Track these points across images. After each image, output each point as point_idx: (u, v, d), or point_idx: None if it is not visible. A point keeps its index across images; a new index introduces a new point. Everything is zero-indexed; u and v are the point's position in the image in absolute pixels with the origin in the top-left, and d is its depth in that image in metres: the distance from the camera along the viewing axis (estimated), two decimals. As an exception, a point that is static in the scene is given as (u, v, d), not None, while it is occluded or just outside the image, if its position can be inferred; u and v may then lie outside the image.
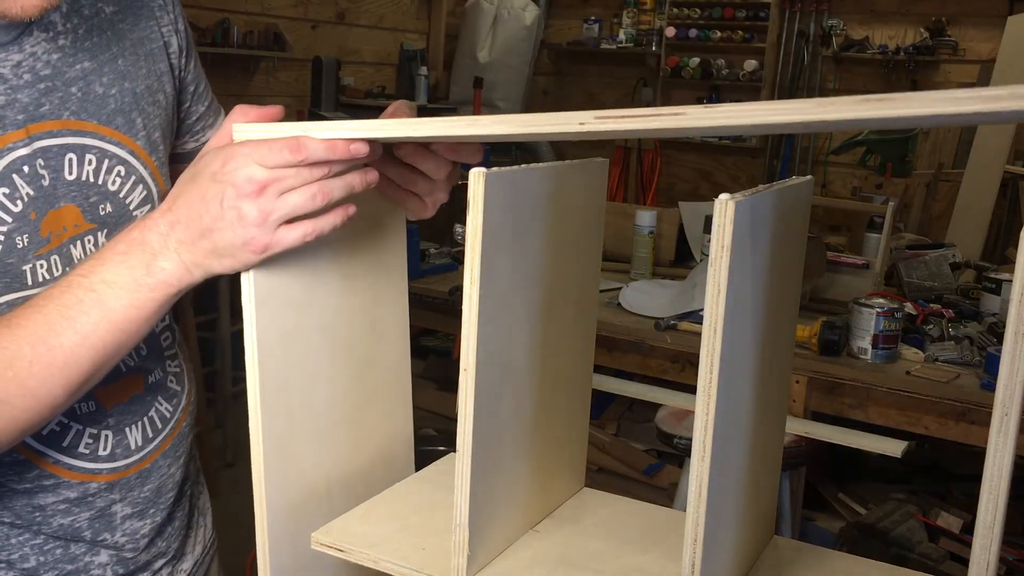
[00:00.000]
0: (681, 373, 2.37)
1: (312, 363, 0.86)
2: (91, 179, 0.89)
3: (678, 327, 2.36)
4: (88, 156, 0.88)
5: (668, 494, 2.76)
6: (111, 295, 0.76)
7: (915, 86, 5.50)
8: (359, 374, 0.92)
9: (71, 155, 0.87)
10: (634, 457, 3.10)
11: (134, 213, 0.93)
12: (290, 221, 0.75)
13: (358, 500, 0.91)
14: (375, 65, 5.62)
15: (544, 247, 0.82)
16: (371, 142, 0.75)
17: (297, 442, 0.86)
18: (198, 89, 1.04)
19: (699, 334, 0.67)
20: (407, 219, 0.94)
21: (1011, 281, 0.57)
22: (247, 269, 0.77)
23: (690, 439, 0.67)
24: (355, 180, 0.77)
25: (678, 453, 2.38)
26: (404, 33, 5.81)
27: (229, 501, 3.25)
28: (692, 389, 2.35)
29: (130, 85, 0.93)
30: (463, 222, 0.73)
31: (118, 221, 0.91)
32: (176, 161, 1.04)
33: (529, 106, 6.29)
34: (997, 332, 2.23)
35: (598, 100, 6.65)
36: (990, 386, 1.97)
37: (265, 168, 0.73)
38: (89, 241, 0.89)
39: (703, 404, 0.66)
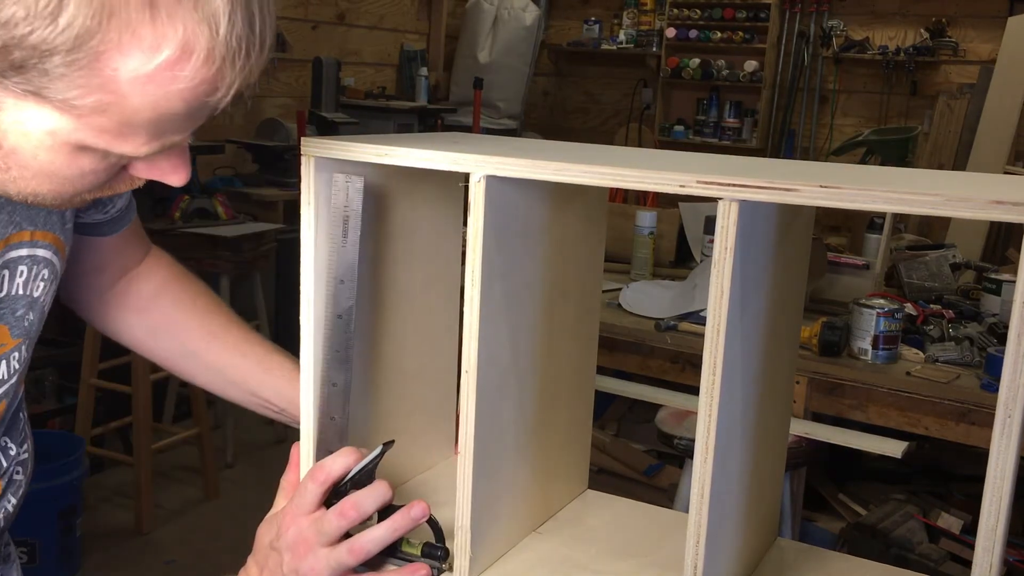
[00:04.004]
0: (681, 374, 2.36)
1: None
2: (19, 292, 0.84)
3: (678, 328, 2.36)
4: (20, 268, 0.83)
5: (668, 495, 2.75)
6: None
7: (915, 87, 5.50)
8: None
9: (4, 271, 0.82)
10: (634, 458, 3.10)
11: (46, 311, 0.89)
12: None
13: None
14: (375, 66, 5.61)
15: (545, 248, 0.82)
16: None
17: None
18: None
19: (699, 335, 0.67)
20: None
21: (1012, 282, 0.57)
22: None
23: (690, 440, 0.67)
24: (402, 523, 0.79)
25: (678, 454, 2.37)
26: (404, 34, 5.80)
27: (229, 501, 3.26)
28: (692, 390, 2.35)
29: None
30: (465, 223, 0.73)
31: (37, 326, 0.87)
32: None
33: (529, 107, 6.29)
34: (997, 333, 2.22)
35: (598, 101, 6.65)
36: (990, 387, 1.97)
37: (307, 517, 0.80)
38: (15, 358, 0.85)
39: (706, 405, 0.66)
